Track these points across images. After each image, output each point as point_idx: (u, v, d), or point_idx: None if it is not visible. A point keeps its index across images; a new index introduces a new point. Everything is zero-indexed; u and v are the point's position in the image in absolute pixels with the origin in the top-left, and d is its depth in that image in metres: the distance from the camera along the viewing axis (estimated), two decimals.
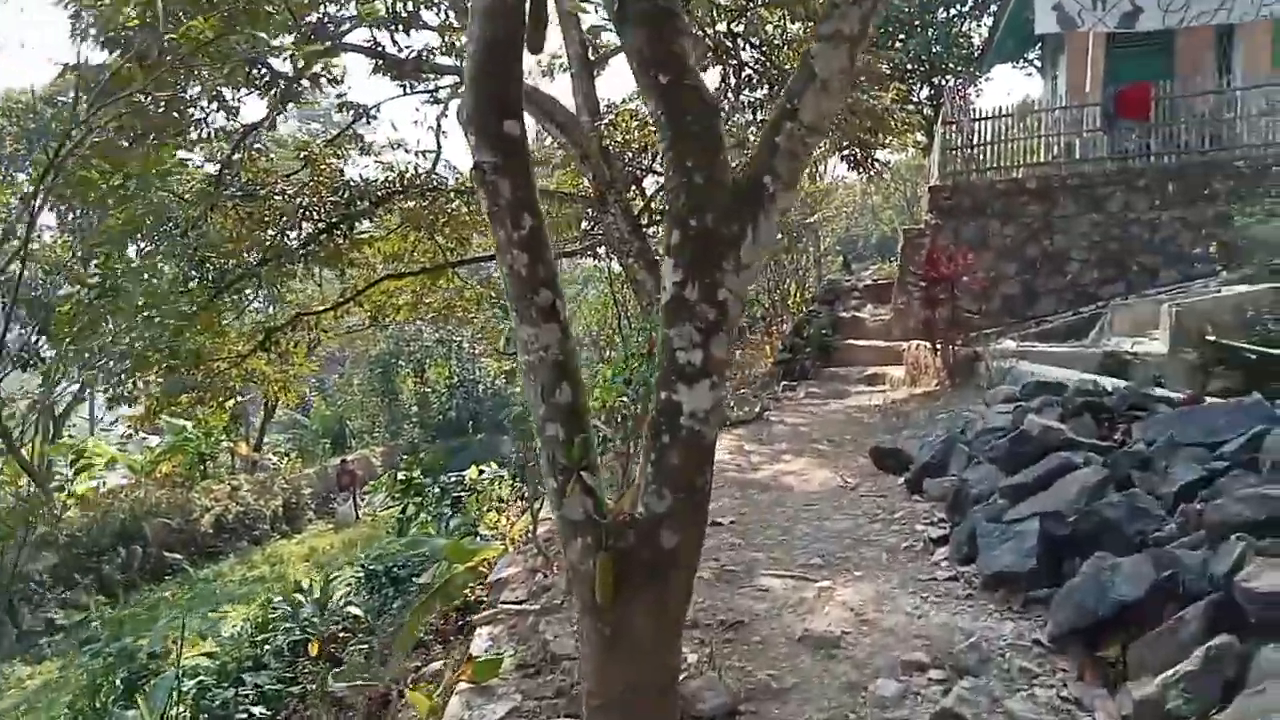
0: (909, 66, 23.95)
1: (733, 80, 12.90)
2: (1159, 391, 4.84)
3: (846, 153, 13.15)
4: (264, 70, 11.42)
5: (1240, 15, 14.46)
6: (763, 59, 13.38)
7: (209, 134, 11.77)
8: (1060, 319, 13.64)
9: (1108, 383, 6.86)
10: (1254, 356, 9.87)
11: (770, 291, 21.00)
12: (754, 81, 12.41)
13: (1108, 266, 13.93)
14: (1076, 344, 12.71)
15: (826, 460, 6.79)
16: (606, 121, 14.14)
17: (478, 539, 7.01)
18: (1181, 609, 3.08)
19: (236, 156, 12.42)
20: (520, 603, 4.72)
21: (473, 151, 3.15)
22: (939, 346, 10.85)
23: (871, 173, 13.08)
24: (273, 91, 11.62)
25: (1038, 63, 22.64)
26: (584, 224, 17.12)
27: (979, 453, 5.06)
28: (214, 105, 11.46)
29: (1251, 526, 3.18)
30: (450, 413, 33.70)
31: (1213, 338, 10.24)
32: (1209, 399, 5.21)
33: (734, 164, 3.15)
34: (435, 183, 13.28)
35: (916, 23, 22.95)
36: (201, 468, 25.28)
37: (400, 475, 12.28)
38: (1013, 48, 21.16)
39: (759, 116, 13.18)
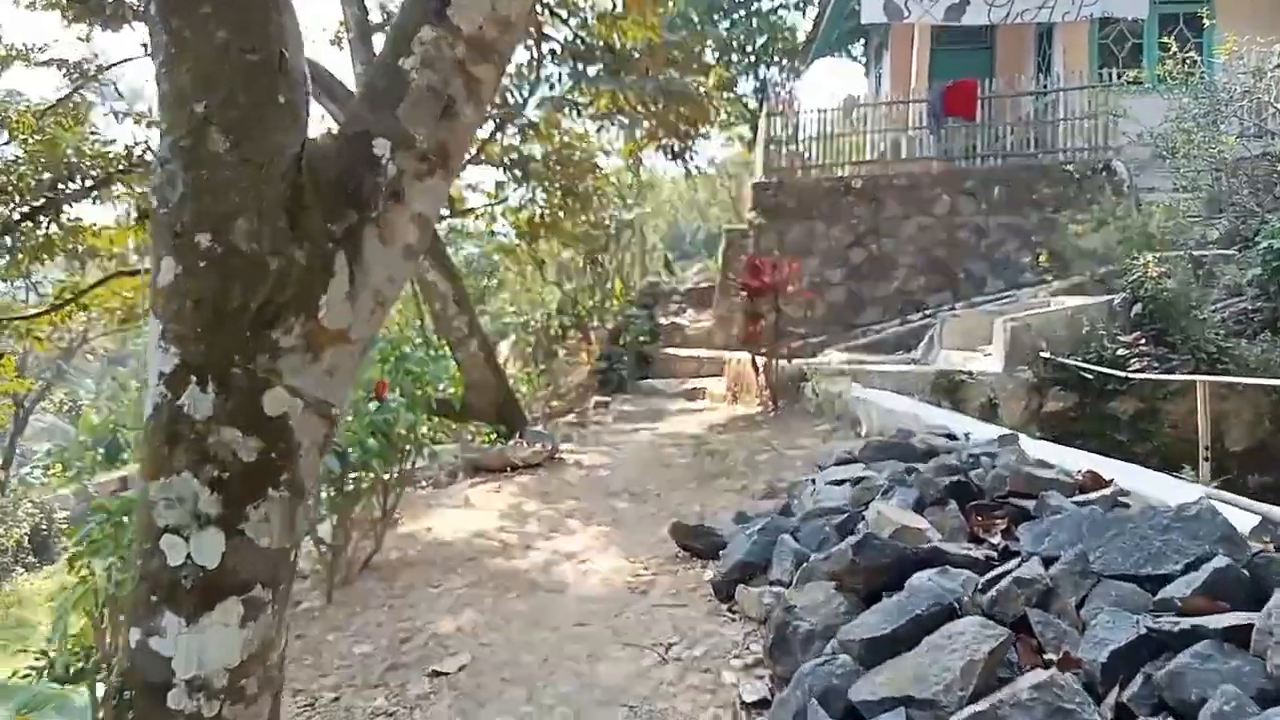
0: (733, 56, 23.08)
1: (536, 55, 11.27)
2: (1045, 471, 3.55)
3: (663, 142, 11.78)
4: None
5: (1061, 14, 14.09)
6: (576, 35, 11.83)
7: None
8: (888, 329, 12.82)
9: (966, 427, 5.69)
10: (1090, 376, 9.19)
11: (591, 291, 19.55)
12: (558, 57, 10.84)
13: (935, 273, 13.22)
14: (906, 356, 11.90)
15: (622, 531, 5.29)
16: None
17: None
18: None
19: None
20: None
21: None
22: (762, 366, 9.63)
23: (690, 165, 11.74)
24: None
25: (863, 57, 22.18)
26: None
27: (810, 548, 3.67)
28: None
29: None
30: None
31: (1047, 354, 9.51)
32: (1107, 472, 4.02)
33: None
34: None
35: (740, 11, 22.01)
36: None
37: None
38: (838, 40, 20.53)
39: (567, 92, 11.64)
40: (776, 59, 23.47)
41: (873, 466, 4.32)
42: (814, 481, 4.64)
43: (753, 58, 23.75)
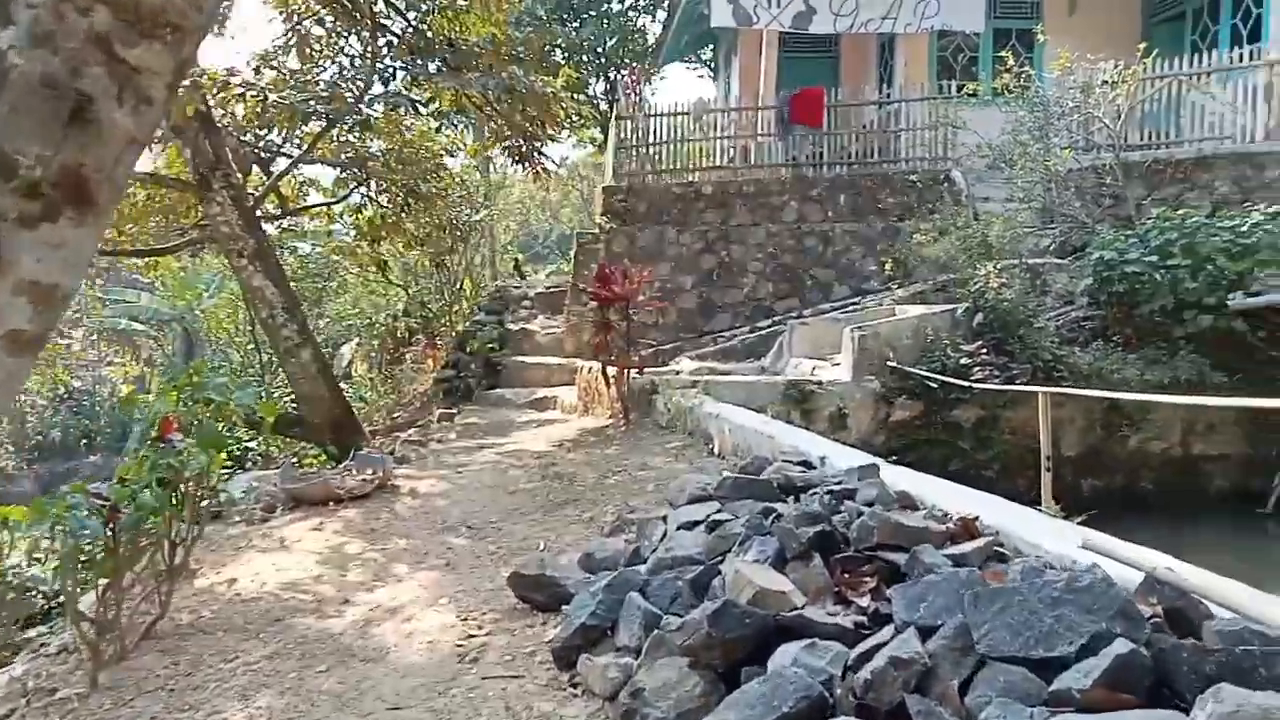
0: (584, 57, 22.69)
1: (372, 48, 10.48)
2: (914, 517, 3.26)
3: (509, 144, 11.22)
4: None
5: (904, 26, 14.36)
6: (414, 28, 11.09)
7: None
8: (738, 336, 12.69)
9: (821, 449, 5.43)
10: (935, 385, 9.25)
11: (439, 293, 18.72)
12: (395, 50, 10.10)
13: (784, 280, 13.19)
14: (756, 364, 11.79)
15: (456, 575, 4.76)
16: (216, 85, 11.13)
17: None
18: None
19: None
20: None
21: None
22: (612, 377, 9.24)
23: (538, 169, 11.23)
24: None
25: (712, 63, 22.21)
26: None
27: (662, 606, 3.27)
28: None
29: None
30: (54, 431, 27.98)
31: (894, 364, 9.53)
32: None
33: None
34: None
35: (590, 11, 21.64)
36: None
37: None
38: (688, 44, 20.47)
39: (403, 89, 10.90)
40: (628, 61, 23.23)
41: (729, 507, 3.95)
42: (665, 521, 4.24)
43: (603, 59, 23.44)
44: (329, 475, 6.89)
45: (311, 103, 8.96)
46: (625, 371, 9.23)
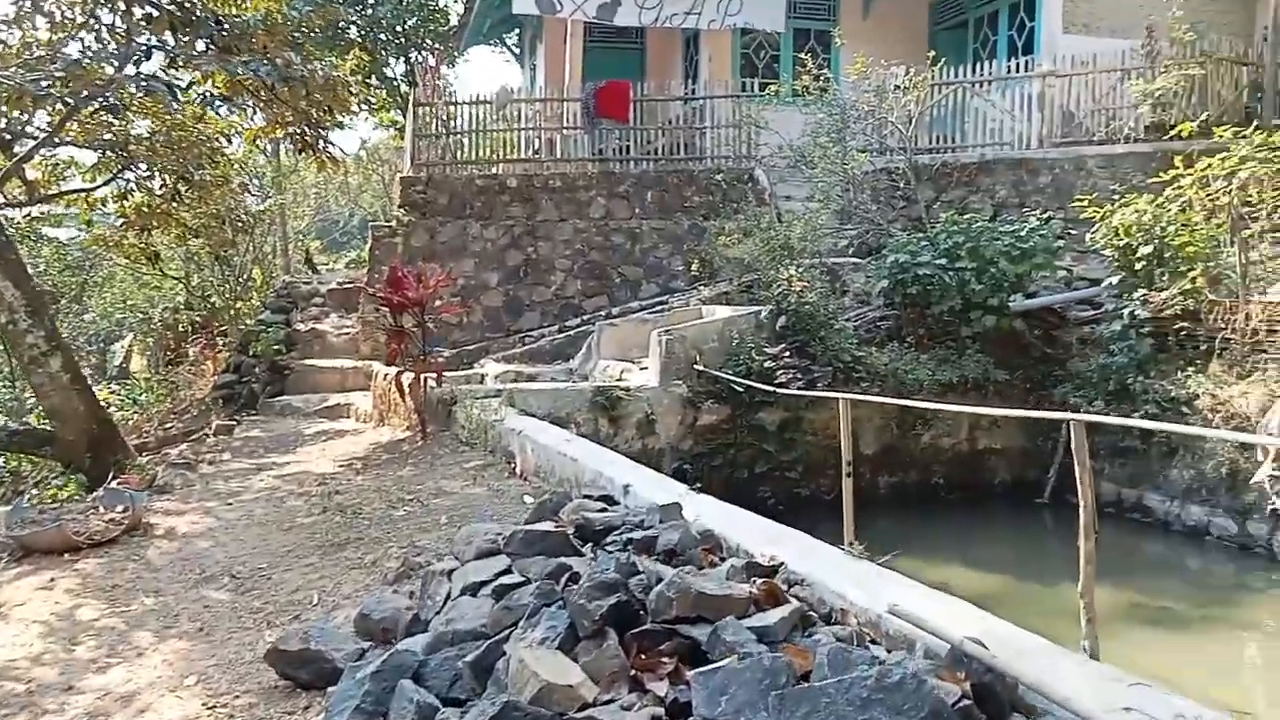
0: (381, 35, 21.55)
1: (128, 22, 9.26)
2: (716, 577, 2.98)
3: (292, 131, 10.28)
4: None
5: (707, 22, 14.35)
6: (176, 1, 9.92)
7: None
8: (546, 336, 12.32)
9: (625, 477, 5.12)
10: (741, 389, 9.21)
11: (221, 288, 17.26)
12: (154, 25, 8.95)
13: (592, 278, 12.91)
14: (564, 366, 11.45)
15: (210, 644, 4.13)
16: None
17: None
18: None
19: None
20: None
21: None
22: (408, 387, 8.63)
23: (324, 157, 10.36)
24: None
25: (516, 48, 21.61)
26: None
27: (439, 692, 2.86)
28: None
29: None
30: None
31: (701, 367, 9.43)
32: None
33: None
34: None
35: None
36: None
37: None
38: (491, 28, 19.78)
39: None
40: (428, 42, 22.24)
41: (519, 565, 3.56)
42: (449, 578, 3.80)
43: (403, 39, 22.34)
44: (68, 517, 5.97)
45: (44, 83, 7.79)
46: (422, 381, 8.64)
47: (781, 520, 6.51)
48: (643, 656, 2.75)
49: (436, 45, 22.11)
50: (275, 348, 12.77)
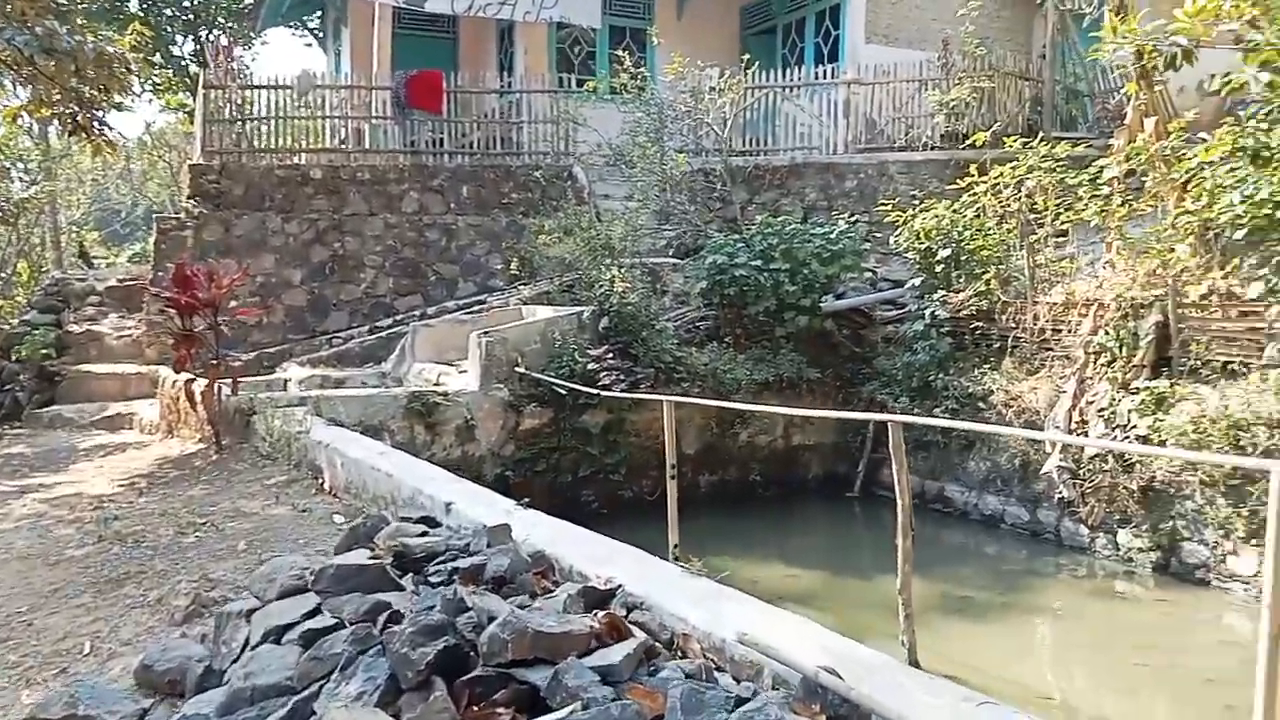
0: (168, 10, 19.89)
1: None
2: (552, 611, 2.76)
3: (60, 109, 9.20)
4: None
5: (522, 14, 14.03)
6: None
7: None
8: (356, 338, 11.66)
9: (447, 495, 4.80)
10: (564, 392, 9.01)
11: None
12: None
13: (405, 275, 12.33)
14: (376, 370, 10.87)
15: None
16: None
17: None
18: None
19: None
20: None
21: None
22: (199, 395, 7.89)
23: (99, 140, 9.34)
24: None
25: (319, 32, 20.47)
26: None
27: None
28: None
29: None
30: None
31: (522, 370, 9.16)
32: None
33: None
34: None
35: None
36: None
37: None
38: (290, 8, 18.61)
39: None
40: (221, 20, 20.72)
41: (330, 604, 3.20)
42: (248, 620, 3.38)
43: (193, 15, 20.71)
44: None
45: None
46: (216, 389, 7.91)
47: (606, 523, 6.37)
48: (475, 708, 2.49)
49: (230, 24, 20.63)
50: (44, 351, 11.43)
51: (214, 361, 8.01)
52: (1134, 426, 7.48)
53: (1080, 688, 5.84)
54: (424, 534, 3.98)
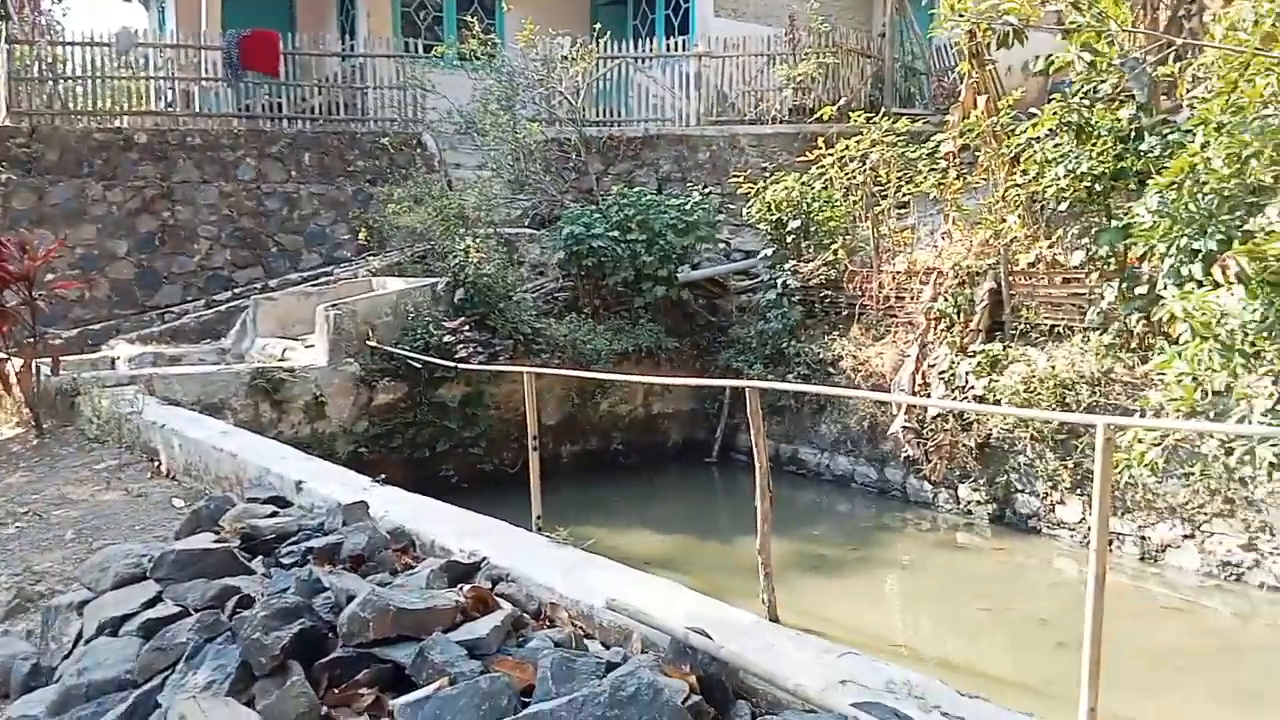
0: None
1: None
2: (415, 586, 2.67)
3: None
4: None
5: None
6: None
7: None
8: (192, 313, 10.99)
9: (296, 472, 4.57)
10: (419, 365, 8.76)
11: None
12: None
13: (244, 247, 11.69)
14: (215, 346, 10.28)
15: None
16: None
17: None
18: None
19: None
20: None
21: None
22: (15, 376, 7.24)
23: None
24: None
25: None
26: None
27: None
28: None
29: None
30: None
31: (374, 344, 8.85)
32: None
33: None
34: None
35: None
36: None
37: None
38: None
39: None
40: None
41: (173, 591, 2.98)
42: (80, 612, 3.12)
43: None
44: None
45: None
46: (34, 369, 7.28)
47: (467, 497, 6.26)
48: (336, 691, 2.37)
49: None
50: None
51: (30, 339, 7.36)
52: (972, 387, 7.91)
53: (927, 634, 6.16)
54: (274, 514, 3.78)
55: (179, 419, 6.27)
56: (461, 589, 2.82)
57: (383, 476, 4.49)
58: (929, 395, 8.23)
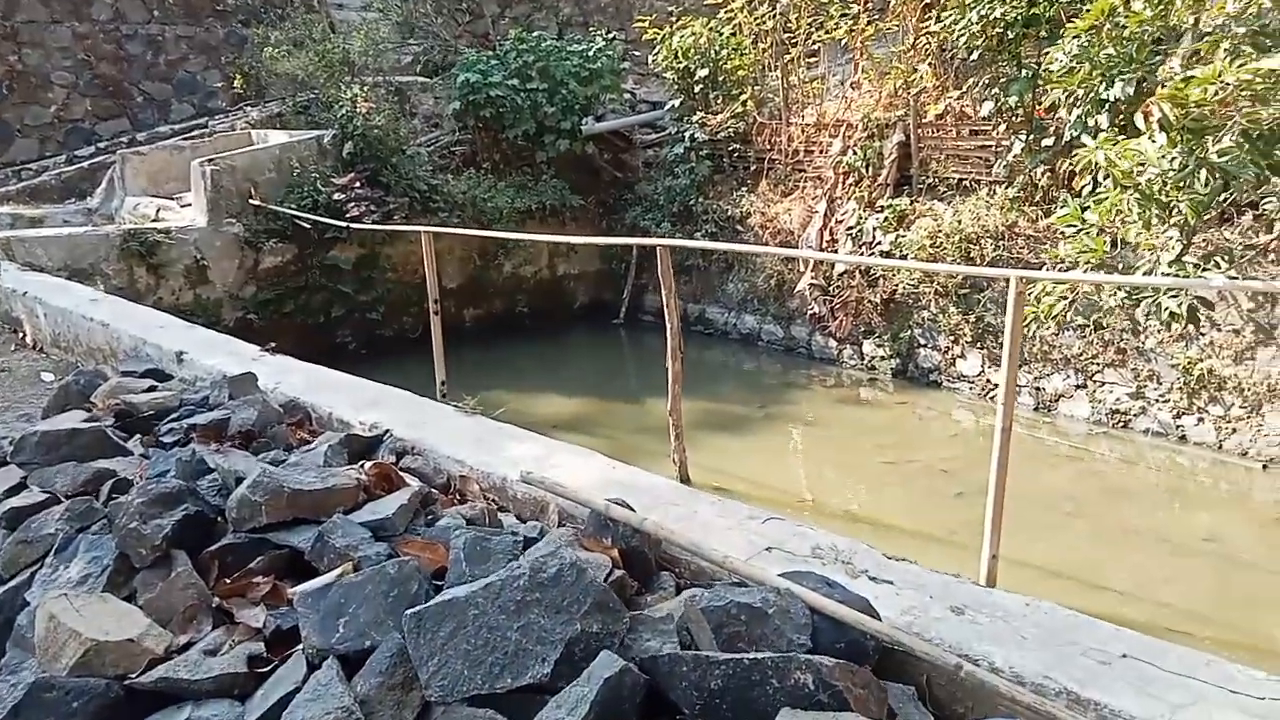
0: None
1: None
2: (311, 466, 2.47)
3: None
4: None
5: None
6: None
7: None
8: (53, 170, 10.09)
9: (176, 342, 4.21)
10: (308, 226, 8.26)
11: None
12: None
13: (105, 96, 10.68)
14: (81, 206, 9.50)
15: None
16: None
17: None
18: None
19: None
20: None
21: None
22: None
23: None
24: None
25: None
26: None
27: None
28: None
29: None
30: None
31: (257, 202, 8.29)
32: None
33: None
34: None
35: None
36: None
37: None
38: None
39: None
40: None
41: (40, 477, 2.70)
42: None
43: None
44: None
45: None
46: None
47: (366, 365, 6.00)
48: (227, 580, 2.19)
49: None
50: None
51: None
52: (879, 243, 7.88)
53: (833, 487, 6.29)
54: (152, 389, 3.49)
55: (43, 286, 5.76)
56: (363, 465, 2.63)
57: (273, 345, 4.19)
58: (836, 251, 8.19)
